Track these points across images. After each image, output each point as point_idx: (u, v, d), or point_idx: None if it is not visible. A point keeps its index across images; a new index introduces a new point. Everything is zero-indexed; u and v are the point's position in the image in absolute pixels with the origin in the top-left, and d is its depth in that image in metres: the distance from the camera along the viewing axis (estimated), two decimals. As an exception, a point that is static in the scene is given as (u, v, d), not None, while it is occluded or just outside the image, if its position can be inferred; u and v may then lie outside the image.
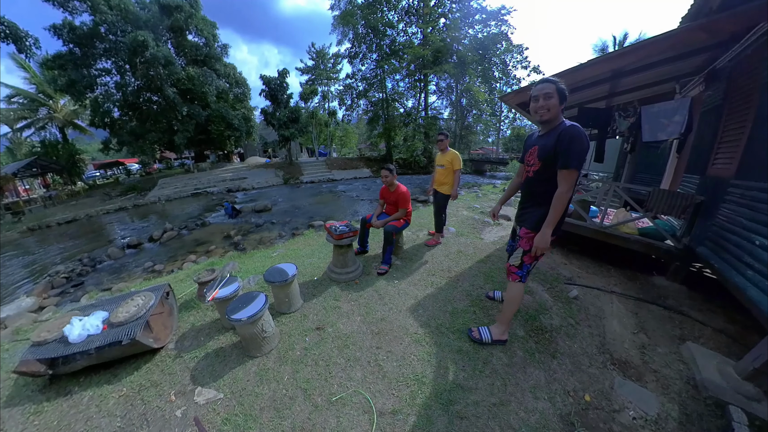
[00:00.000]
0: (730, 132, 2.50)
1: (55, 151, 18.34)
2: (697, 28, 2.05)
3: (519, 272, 1.80)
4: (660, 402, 1.58)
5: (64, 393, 1.78)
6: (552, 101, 1.50)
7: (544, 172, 1.60)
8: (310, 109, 25.53)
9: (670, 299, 2.56)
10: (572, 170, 1.47)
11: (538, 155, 1.62)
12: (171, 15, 18.75)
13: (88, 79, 16.55)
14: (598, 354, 1.93)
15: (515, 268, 1.81)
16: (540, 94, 1.53)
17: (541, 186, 1.65)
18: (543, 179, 1.62)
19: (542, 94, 1.52)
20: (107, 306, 2.18)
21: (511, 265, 1.83)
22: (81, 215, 13.03)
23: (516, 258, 1.80)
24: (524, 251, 1.75)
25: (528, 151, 1.75)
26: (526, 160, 1.77)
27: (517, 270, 1.80)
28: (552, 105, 1.50)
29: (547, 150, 1.55)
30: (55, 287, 5.47)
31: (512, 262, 1.82)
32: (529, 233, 1.72)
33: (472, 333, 2.02)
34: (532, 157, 1.68)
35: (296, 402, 1.62)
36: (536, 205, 1.71)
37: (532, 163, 1.68)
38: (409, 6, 23.16)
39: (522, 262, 1.77)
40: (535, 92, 1.56)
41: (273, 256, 4.08)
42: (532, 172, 1.69)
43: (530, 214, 1.73)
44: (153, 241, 8.08)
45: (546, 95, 1.51)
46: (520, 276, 1.80)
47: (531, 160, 1.69)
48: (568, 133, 1.46)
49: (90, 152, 28.68)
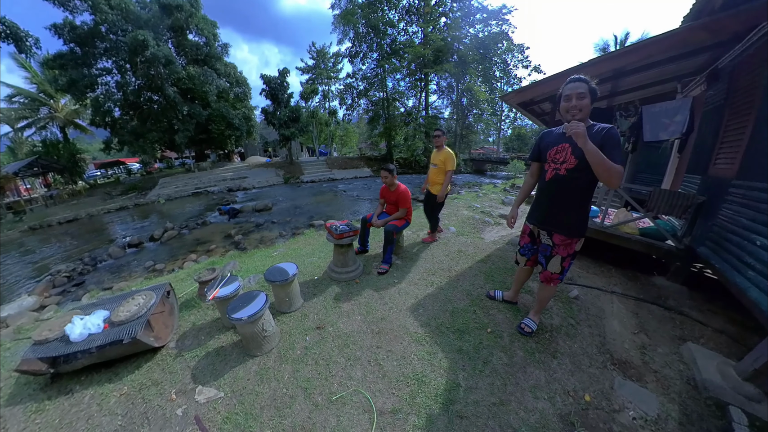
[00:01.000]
0: (731, 132, 2.49)
1: (56, 151, 18.37)
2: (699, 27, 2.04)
3: (560, 277, 1.81)
4: (660, 402, 1.58)
5: (66, 391, 1.79)
6: (585, 101, 1.44)
7: (582, 169, 1.48)
8: (310, 108, 25.53)
9: (670, 299, 2.56)
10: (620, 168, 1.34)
11: (573, 151, 1.51)
12: (171, 14, 18.74)
13: (88, 79, 16.57)
14: (599, 354, 1.93)
15: (556, 275, 1.79)
16: (573, 93, 1.46)
17: (577, 184, 1.55)
18: (579, 177, 1.52)
19: (575, 94, 1.45)
20: (108, 305, 2.19)
21: (552, 273, 1.80)
22: (82, 214, 13.06)
23: (555, 266, 1.76)
24: (562, 257, 1.71)
25: (553, 149, 1.63)
26: (552, 157, 1.63)
27: (559, 276, 1.80)
28: (584, 105, 1.44)
29: None
30: (57, 286, 5.48)
31: (551, 269, 1.78)
32: (567, 240, 1.66)
33: (521, 328, 2.05)
34: (563, 155, 1.56)
35: (296, 401, 1.62)
36: (570, 207, 1.62)
37: (564, 160, 1.56)
38: (409, 5, 23.12)
39: (562, 268, 1.76)
40: (568, 91, 1.48)
41: (273, 255, 4.09)
42: (565, 170, 1.55)
43: (565, 218, 1.64)
44: (154, 240, 8.10)
45: (579, 95, 1.44)
46: (561, 280, 1.83)
47: (561, 158, 1.57)
48: (615, 136, 1.42)
49: (91, 152, 28.74)
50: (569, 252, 1.70)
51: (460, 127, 24.54)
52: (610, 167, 1.32)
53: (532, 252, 1.96)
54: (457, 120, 24.69)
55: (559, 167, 1.59)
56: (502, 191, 9.12)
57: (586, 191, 1.58)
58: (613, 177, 1.32)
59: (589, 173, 1.43)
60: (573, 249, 1.70)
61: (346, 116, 27.99)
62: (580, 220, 1.64)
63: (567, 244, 1.68)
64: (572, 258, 1.74)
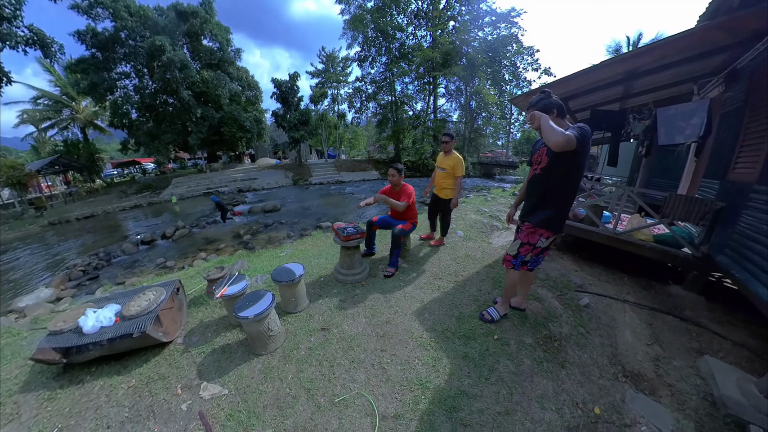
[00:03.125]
0: (752, 135, 2.39)
1: (76, 150, 19.13)
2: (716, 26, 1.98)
3: (513, 261, 1.96)
4: (675, 418, 1.51)
5: (77, 381, 1.84)
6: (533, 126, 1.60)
7: (552, 168, 1.70)
8: (320, 111, 25.88)
9: (687, 310, 2.46)
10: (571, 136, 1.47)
11: (547, 153, 1.71)
12: (187, 21, 19.42)
13: (108, 82, 17.28)
14: (610, 365, 1.86)
15: (510, 257, 1.98)
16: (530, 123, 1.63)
17: (547, 182, 1.75)
18: (549, 175, 1.72)
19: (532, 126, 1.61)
20: (120, 299, 2.24)
21: (507, 254, 2.01)
22: (98, 211, 13.51)
23: (513, 248, 1.95)
24: (521, 243, 1.89)
25: (537, 153, 1.84)
26: (534, 160, 1.86)
27: (512, 259, 1.96)
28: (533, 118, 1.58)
29: None
30: (72, 279, 5.67)
31: (509, 251, 1.98)
32: (531, 228, 1.84)
33: (483, 315, 2.22)
34: (540, 156, 1.77)
35: (299, 401, 1.62)
36: (543, 202, 1.80)
37: (540, 161, 1.78)
38: (418, 9, 23.29)
39: (518, 252, 1.92)
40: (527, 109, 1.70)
41: (281, 255, 4.12)
42: (540, 169, 1.77)
43: (537, 211, 1.82)
44: (165, 238, 8.30)
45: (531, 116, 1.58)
46: (514, 264, 1.97)
47: (539, 159, 1.79)
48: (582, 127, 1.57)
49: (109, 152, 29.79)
50: (529, 240, 1.86)
51: (469, 131, 24.43)
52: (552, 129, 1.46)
53: None
54: (466, 123, 24.59)
55: (537, 168, 1.81)
56: (511, 195, 9.00)
57: (559, 188, 1.73)
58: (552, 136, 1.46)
59: (559, 171, 1.67)
60: (536, 239, 1.84)
61: (355, 119, 28.25)
62: (553, 215, 1.78)
63: (530, 233, 1.85)
64: (533, 249, 1.87)
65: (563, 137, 1.44)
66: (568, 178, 1.69)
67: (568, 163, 1.63)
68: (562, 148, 1.47)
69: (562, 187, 1.73)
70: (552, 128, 1.47)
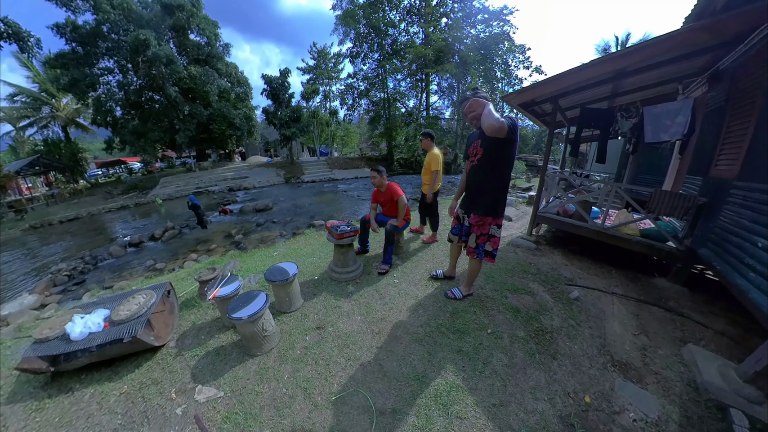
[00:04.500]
0: (733, 133, 2.48)
1: (57, 150, 18.41)
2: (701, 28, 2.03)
3: (476, 251, 2.16)
4: (660, 404, 1.58)
5: (66, 390, 1.79)
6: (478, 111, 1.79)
7: (487, 158, 1.92)
8: (311, 108, 25.53)
9: (671, 301, 2.55)
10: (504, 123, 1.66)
11: (482, 144, 1.94)
12: (173, 14, 18.78)
13: (90, 78, 16.62)
14: (599, 355, 1.93)
15: (472, 249, 2.19)
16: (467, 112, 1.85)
17: (485, 172, 1.96)
18: (485, 164, 1.94)
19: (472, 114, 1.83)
20: (109, 304, 2.19)
21: (469, 247, 2.21)
22: (83, 213, 13.09)
23: (471, 241, 2.17)
24: (477, 235, 2.12)
25: (471, 147, 2.06)
26: (469, 153, 2.07)
27: (474, 250, 2.17)
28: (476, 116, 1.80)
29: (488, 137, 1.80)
30: (57, 285, 5.49)
31: (470, 244, 2.19)
32: (479, 219, 2.06)
33: (447, 294, 2.49)
34: (476, 148, 1.98)
35: (296, 401, 1.62)
36: (484, 192, 2.01)
37: (476, 153, 1.98)
38: (411, 5, 23.11)
39: (477, 244, 2.14)
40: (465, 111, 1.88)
41: (274, 255, 4.09)
42: (476, 161, 1.98)
43: (480, 202, 2.04)
44: (155, 239, 8.11)
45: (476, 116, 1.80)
46: (477, 254, 2.17)
47: (474, 151, 2.00)
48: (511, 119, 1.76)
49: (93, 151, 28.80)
50: (483, 231, 2.09)
51: (461, 128, 24.52)
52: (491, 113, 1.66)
53: (460, 232, 2.31)
54: (458, 120, 24.67)
55: (474, 159, 2.02)
56: (503, 192, 9.11)
57: (493, 176, 1.95)
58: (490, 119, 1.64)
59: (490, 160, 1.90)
60: (487, 229, 2.08)
61: (347, 116, 27.97)
62: (493, 202, 2.01)
63: (480, 225, 2.07)
64: (490, 238, 2.10)
65: (498, 122, 1.62)
66: (502, 165, 1.91)
67: (503, 152, 1.85)
68: (495, 131, 1.65)
69: (498, 175, 1.95)
70: (491, 112, 1.67)
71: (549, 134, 3.86)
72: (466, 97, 1.85)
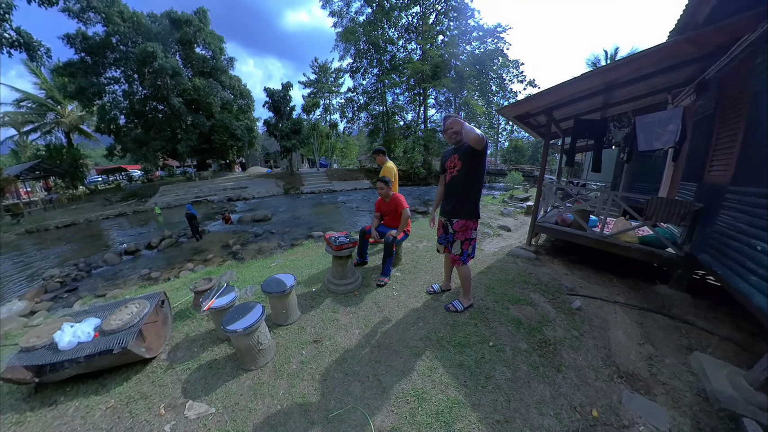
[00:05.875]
0: (723, 139, 2.53)
1: (59, 155, 18.48)
2: (685, 41, 2.12)
3: (461, 258, 2.26)
4: (671, 416, 1.52)
5: (49, 402, 1.71)
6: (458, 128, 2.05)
7: (467, 168, 2.10)
8: (312, 121, 26.00)
9: (674, 308, 2.51)
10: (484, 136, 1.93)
11: (460, 158, 2.13)
12: (181, 28, 19.44)
13: (97, 87, 16.96)
14: (604, 366, 1.87)
15: (457, 257, 2.27)
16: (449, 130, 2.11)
17: (465, 181, 2.14)
18: (465, 174, 2.13)
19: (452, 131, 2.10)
20: (100, 312, 2.13)
21: (454, 255, 2.29)
22: (80, 219, 12.99)
23: (456, 248, 2.25)
24: (461, 241, 2.22)
25: (448, 159, 2.24)
26: (447, 167, 2.25)
27: (460, 257, 2.26)
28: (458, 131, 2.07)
29: (464, 150, 2.08)
30: (49, 291, 5.37)
31: (454, 252, 2.28)
32: (463, 223, 2.19)
33: (448, 307, 2.47)
34: (454, 161, 2.18)
35: (291, 418, 1.55)
36: (465, 198, 2.17)
37: (454, 165, 2.17)
38: (408, 24, 24.07)
39: (462, 250, 2.24)
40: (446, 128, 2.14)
41: (271, 266, 4.04)
42: (456, 171, 2.16)
43: (463, 207, 2.19)
44: (151, 248, 8.02)
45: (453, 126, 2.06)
46: (463, 260, 2.28)
47: (453, 164, 2.19)
48: None
49: (94, 157, 28.89)
50: (466, 236, 2.22)
51: (459, 141, 24.93)
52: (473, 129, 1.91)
53: (446, 240, 2.37)
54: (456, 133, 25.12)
55: (453, 170, 2.19)
56: (501, 202, 9.16)
57: (473, 182, 2.14)
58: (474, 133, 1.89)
59: (468, 170, 2.10)
60: (470, 233, 2.23)
61: (347, 129, 28.50)
62: (474, 206, 2.20)
63: (464, 230, 2.20)
64: (471, 241, 2.25)
65: (481, 134, 1.88)
66: (479, 174, 2.12)
67: (478, 162, 2.07)
68: (478, 142, 1.90)
69: (476, 182, 2.15)
70: (473, 128, 1.92)
71: (544, 145, 3.92)
72: (449, 115, 2.13)
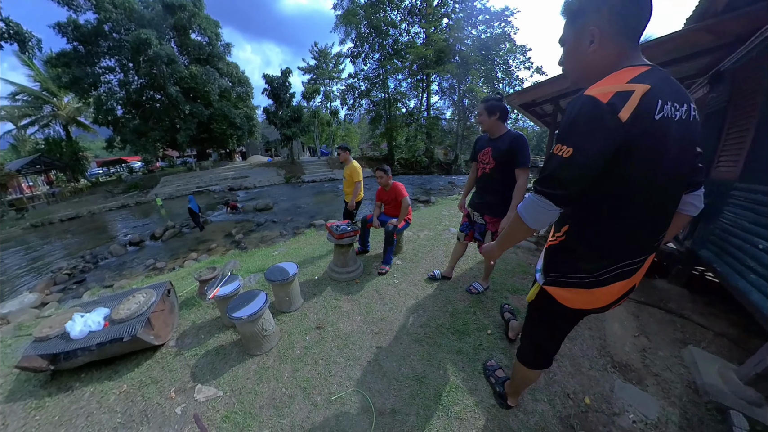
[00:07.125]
0: (733, 134, 2.48)
1: (58, 149, 18.47)
2: (702, 29, 2.03)
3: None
4: (660, 406, 1.57)
5: (65, 388, 1.79)
6: (482, 118, 2.00)
7: (500, 169, 2.03)
8: (312, 108, 25.56)
9: (671, 302, 2.54)
10: (527, 168, 1.94)
11: (493, 155, 2.03)
12: (174, 13, 18.83)
13: (91, 77, 16.68)
14: (599, 357, 1.92)
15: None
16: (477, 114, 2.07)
17: (497, 179, 2.09)
18: (498, 175, 2.06)
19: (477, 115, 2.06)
20: (109, 303, 2.19)
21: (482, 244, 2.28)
22: (84, 212, 13.12)
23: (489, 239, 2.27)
24: (492, 233, 2.25)
25: (482, 152, 2.15)
26: (479, 158, 2.17)
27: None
28: (483, 120, 2.01)
29: (500, 151, 1.97)
30: (58, 283, 5.51)
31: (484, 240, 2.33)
32: (493, 219, 2.20)
33: (470, 289, 2.57)
34: (487, 156, 2.09)
35: (296, 401, 1.62)
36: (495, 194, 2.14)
37: (487, 161, 2.09)
38: (412, 6, 23.14)
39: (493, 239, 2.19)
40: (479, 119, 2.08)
41: (274, 254, 4.09)
42: (489, 170, 2.09)
43: (498, 206, 2.14)
44: (155, 238, 8.13)
45: (479, 114, 2.03)
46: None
47: (486, 159, 2.11)
48: (521, 141, 1.92)
49: (93, 150, 28.87)
50: (497, 228, 2.22)
51: (462, 128, 24.53)
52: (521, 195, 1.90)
53: (469, 229, 2.42)
54: (459, 121, 24.67)
55: (485, 167, 2.12)
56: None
57: (505, 183, 2.06)
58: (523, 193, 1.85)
59: (504, 171, 2.01)
60: (498, 227, 2.20)
61: (348, 116, 28.01)
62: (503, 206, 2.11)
63: (494, 223, 2.21)
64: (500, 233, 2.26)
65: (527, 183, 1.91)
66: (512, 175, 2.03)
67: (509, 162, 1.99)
68: None
69: (508, 182, 2.08)
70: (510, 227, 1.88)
71: (550, 135, 3.87)
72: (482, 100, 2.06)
